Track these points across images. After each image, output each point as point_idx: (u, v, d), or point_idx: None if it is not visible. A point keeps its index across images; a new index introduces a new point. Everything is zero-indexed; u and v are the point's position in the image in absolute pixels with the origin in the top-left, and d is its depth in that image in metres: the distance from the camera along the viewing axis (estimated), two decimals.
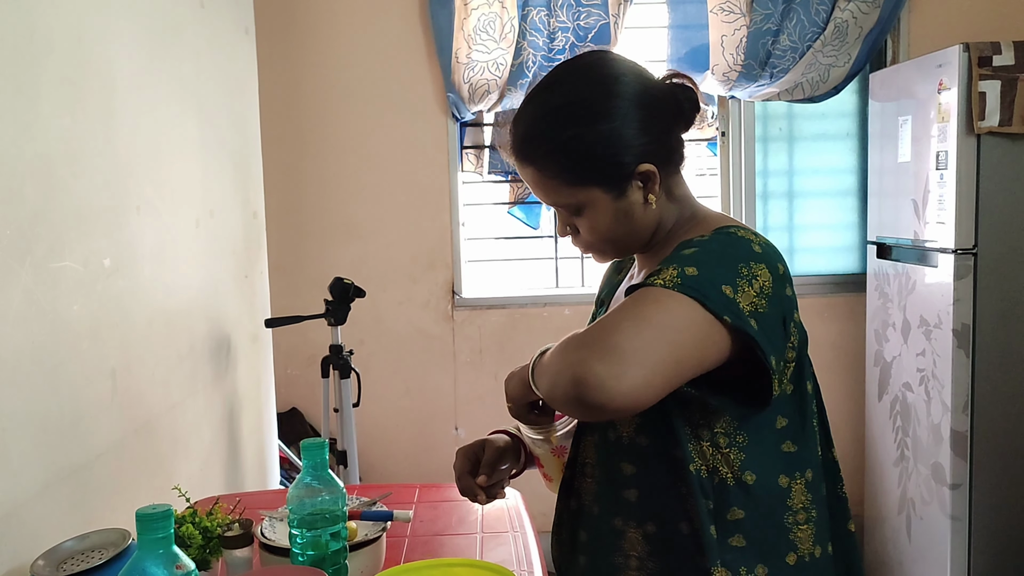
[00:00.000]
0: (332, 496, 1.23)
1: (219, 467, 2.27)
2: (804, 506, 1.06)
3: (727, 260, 0.99)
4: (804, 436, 1.08)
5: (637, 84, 1.09)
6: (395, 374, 3.37)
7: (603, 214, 1.10)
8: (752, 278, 0.98)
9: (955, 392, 2.67)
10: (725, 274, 0.97)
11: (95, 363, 1.54)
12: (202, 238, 2.16)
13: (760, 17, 3.15)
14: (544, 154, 1.09)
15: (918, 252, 2.86)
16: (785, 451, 1.06)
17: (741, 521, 1.03)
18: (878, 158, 3.12)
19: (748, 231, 1.06)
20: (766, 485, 1.04)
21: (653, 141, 1.08)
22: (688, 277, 0.95)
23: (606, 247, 1.15)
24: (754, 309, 0.96)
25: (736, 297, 0.95)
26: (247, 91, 2.65)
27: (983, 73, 2.57)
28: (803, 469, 1.07)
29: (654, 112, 1.09)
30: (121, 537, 1.27)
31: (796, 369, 1.06)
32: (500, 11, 3.14)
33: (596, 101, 1.07)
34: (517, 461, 1.32)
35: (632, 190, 1.09)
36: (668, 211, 1.14)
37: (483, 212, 3.52)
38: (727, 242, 1.03)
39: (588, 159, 1.07)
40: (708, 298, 0.94)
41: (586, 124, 1.06)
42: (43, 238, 1.37)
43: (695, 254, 0.99)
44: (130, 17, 1.75)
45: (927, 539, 2.84)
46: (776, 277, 1.01)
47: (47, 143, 1.39)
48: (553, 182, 1.10)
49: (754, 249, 1.01)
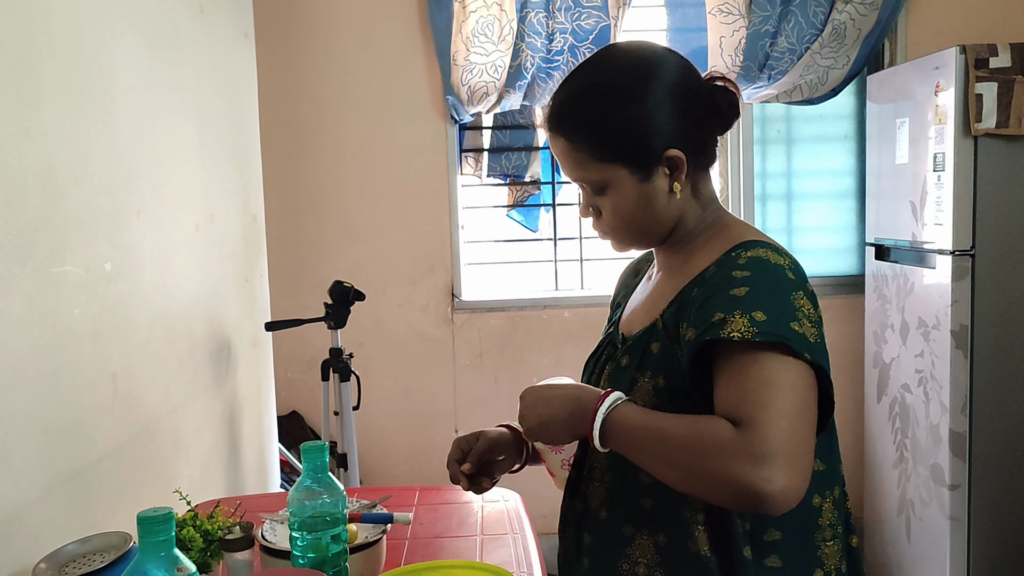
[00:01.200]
0: (332, 499, 1.24)
1: (220, 470, 2.27)
2: (831, 523, 1.07)
3: (782, 295, 0.99)
4: (831, 453, 1.08)
5: (677, 74, 1.10)
6: (395, 377, 3.38)
7: (626, 196, 1.10)
8: (801, 308, 0.98)
9: (954, 393, 2.68)
10: (787, 310, 0.97)
11: (96, 367, 1.54)
12: (202, 242, 2.16)
13: (758, 19, 3.16)
14: (574, 127, 1.10)
15: (916, 253, 2.86)
16: (817, 470, 1.04)
17: (777, 542, 1.04)
18: (876, 160, 3.13)
19: (775, 252, 1.04)
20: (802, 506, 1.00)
21: (685, 131, 1.09)
22: (761, 323, 0.95)
23: (625, 232, 1.14)
24: (816, 340, 0.97)
25: (803, 331, 0.96)
26: (246, 95, 2.66)
27: (980, 75, 2.58)
28: (832, 487, 1.08)
29: (691, 104, 1.10)
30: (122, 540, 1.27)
31: None
32: (499, 13, 3.14)
33: (633, 82, 1.09)
34: (518, 456, 1.32)
35: (658, 175, 1.09)
36: (691, 208, 1.14)
37: (482, 215, 3.53)
38: (769, 274, 1.01)
39: (617, 137, 1.08)
40: (790, 340, 0.94)
41: (619, 102, 1.08)
42: (44, 243, 1.37)
43: (750, 295, 0.98)
44: (130, 22, 1.76)
45: (926, 540, 2.84)
46: (813, 301, 1.02)
47: (48, 148, 1.40)
48: (581, 156, 1.10)
49: (789, 276, 1.01)
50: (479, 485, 1.26)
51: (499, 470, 1.31)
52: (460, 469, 1.23)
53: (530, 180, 3.42)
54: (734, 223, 1.14)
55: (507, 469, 1.33)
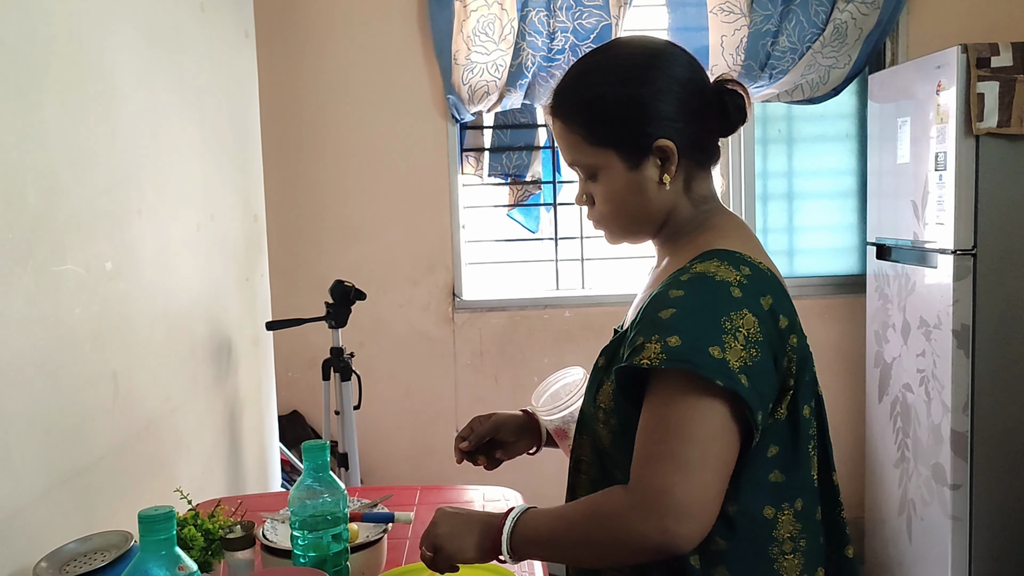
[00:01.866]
0: (333, 498, 1.24)
1: (220, 469, 2.27)
2: (792, 535, 1.05)
3: (708, 317, 0.98)
4: (796, 464, 1.06)
5: (683, 69, 1.10)
6: (396, 376, 3.38)
7: (616, 182, 1.10)
8: (736, 330, 0.97)
9: (955, 392, 2.67)
10: (709, 333, 0.97)
11: (97, 366, 1.54)
12: (203, 241, 2.16)
13: (760, 18, 3.15)
14: (569, 107, 1.12)
15: (917, 253, 2.86)
16: (773, 481, 1.04)
17: (724, 552, 1.03)
18: (877, 159, 3.13)
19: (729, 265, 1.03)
20: (749, 516, 1.03)
21: (681, 124, 1.08)
22: (672, 349, 0.96)
23: (615, 221, 1.15)
24: (743, 364, 0.96)
25: (726, 355, 0.95)
26: (247, 94, 2.66)
27: (981, 74, 2.57)
28: (792, 499, 1.05)
29: (692, 100, 1.09)
30: (123, 539, 1.27)
31: (793, 395, 1.04)
32: (499, 12, 3.14)
33: (633, 68, 1.09)
34: (534, 439, 1.37)
35: (648, 165, 1.09)
36: (682, 204, 1.13)
37: (483, 214, 3.52)
38: (705, 292, 1.00)
39: (608, 119, 1.09)
40: (698, 366, 0.94)
41: (616, 85, 1.09)
42: (45, 242, 1.37)
43: (674, 317, 0.98)
44: (131, 21, 1.76)
45: (928, 540, 2.84)
46: (762, 317, 1.00)
47: (49, 147, 1.40)
48: (574, 138, 1.11)
49: (733, 294, 0.99)
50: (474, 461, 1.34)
51: (510, 452, 1.36)
52: (459, 446, 1.31)
53: (531, 180, 3.42)
54: (719, 226, 1.13)
55: (523, 451, 1.37)
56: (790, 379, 1.03)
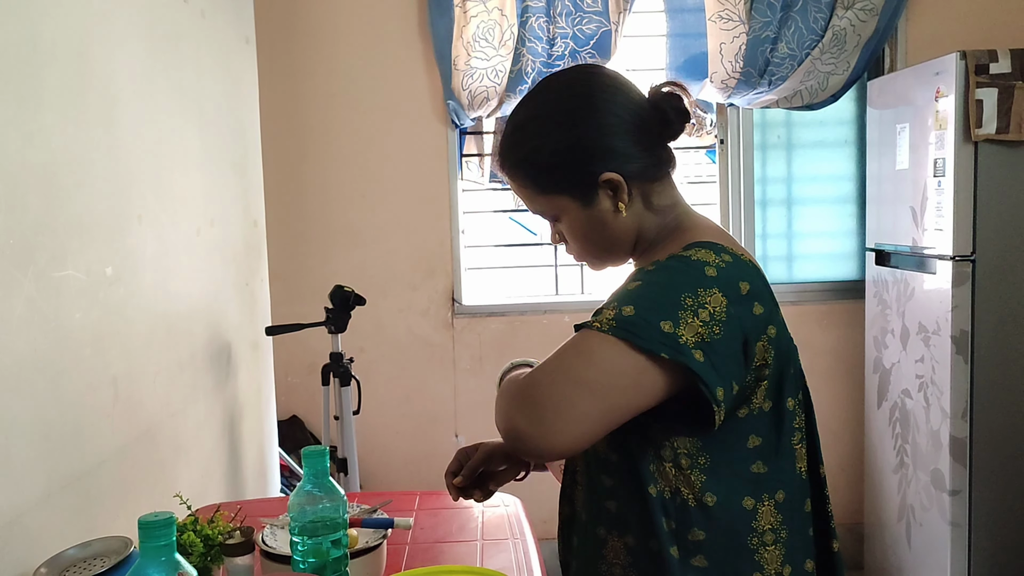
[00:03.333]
0: (333, 504, 1.24)
1: (220, 475, 2.27)
2: (772, 527, 1.05)
3: (670, 291, 0.98)
4: (778, 455, 1.06)
5: (611, 95, 1.10)
6: (395, 382, 3.38)
7: (576, 222, 1.13)
8: (699, 307, 0.97)
9: (954, 398, 2.68)
10: (665, 308, 0.96)
11: (97, 371, 1.54)
12: (203, 246, 2.17)
13: (759, 25, 3.16)
14: (513, 164, 1.14)
15: (916, 259, 2.87)
16: (754, 471, 1.04)
17: (702, 542, 1.03)
18: (876, 165, 3.13)
19: (710, 250, 1.03)
20: (728, 507, 1.03)
21: (622, 151, 1.09)
22: (624, 319, 0.96)
23: (589, 254, 1.18)
24: (700, 340, 0.95)
25: (678, 330, 0.95)
26: (247, 100, 2.66)
27: (980, 81, 2.58)
28: (773, 490, 1.06)
29: (627, 123, 1.09)
30: (123, 545, 1.27)
31: (774, 386, 1.04)
32: (499, 18, 3.15)
33: (561, 112, 1.10)
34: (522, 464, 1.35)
35: (601, 199, 1.10)
36: (647, 220, 1.14)
37: (483, 219, 3.53)
38: (676, 269, 1.01)
39: (550, 169, 1.10)
40: (640, 337, 0.94)
41: (547, 135, 1.10)
42: (45, 247, 1.37)
43: (637, 290, 1.00)
44: (131, 27, 1.76)
45: (927, 546, 2.84)
46: (734, 299, 0.99)
47: (49, 152, 1.40)
48: (526, 191, 1.15)
49: (707, 273, 1.00)
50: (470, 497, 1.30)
51: (500, 480, 1.33)
52: (451, 482, 1.28)
53: None
54: (694, 225, 1.13)
55: (511, 478, 1.35)
56: (766, 368, 1.02)
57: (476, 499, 1.31)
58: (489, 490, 1.33)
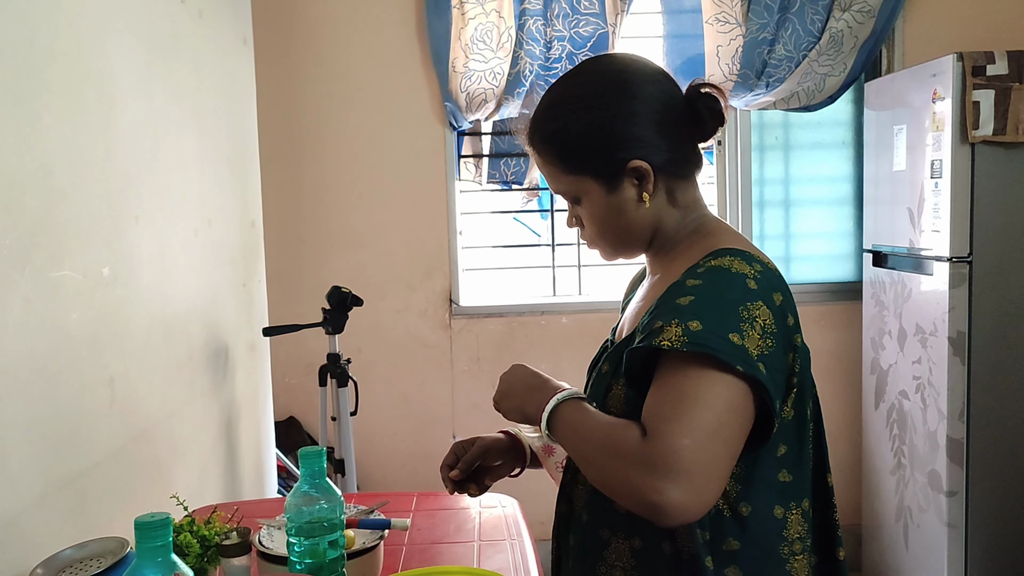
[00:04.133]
0: (330, 504, 1.24)
1: (217, 475, 2.27)
2: (800, 536, 1.06)
3: (727, 305, 0.98)
4: (800, 463, 1.07)
5: (650, 86, 1.11)
6: (393, 382, 3.38)
7: (598, 206, 1.12)
8: (753, 320, 0.97)
9: (951, 399, 2.68)
10: (728, 321, 0.96)
11: (94, 371, 1.54)
12: (200, 247, 2.17)
13: (756, 27, 3.16)
14: (542, 140, 1.14)
15: (914, 260, 2.87)
16: (781, 481, 1.05)
17: (737, 552, 1.03)
18: (873, 167, 3.14)
19: (743, 260, 1.03)
20: (761, 516, 1.03)
21: (653, 142, 1.09)
22: (693, 333, 0.94)
23: (604, 241, 1.16)
24: (761, 352, 0.95)
25: (744, 343, 0.95)
26: (245, 101, 2.66)
27: (977, 82, 2.58)
28: (799, 499, 1.06)
29: (661, 115, 1.10)
30: (119, 545, 1.27)
31: (798, 394, 1.05)
32: (497, 20, 3.15)
33: (597, 94, 1.10)
34: (518, 461, 1.35)
35: (625, 186, 1.10)
36: (669, 215, 1.14)
37: (480, 221, 3.53)
38: (723, 283, 1.01)
39: (579, 148, 1.10)
40: (719, 351, 0.93)
41: (581, 113, 1.10)
42: (42, 247, 1.37)
43: (693, 304, 0.98)
44: (129, 28, 1.76)
45: (924, 547, 2.84)
46: (775, 311, 1.00)
47: (47, 153, 1.40)
48: (551, 168, 1.14)
49: (749, 286, 1.00)
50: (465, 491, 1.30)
51: (495, 476, 1.34)
52: (448, 475, 1.29)
53: (529, 186, 3.43)
54: (716, 229, 1.13)
55: (505, 474, 1.36)
56: (794, 377, 1.03)
57: (471, 493, 1.31)
58: (484, 485, 1.34)
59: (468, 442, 1.33)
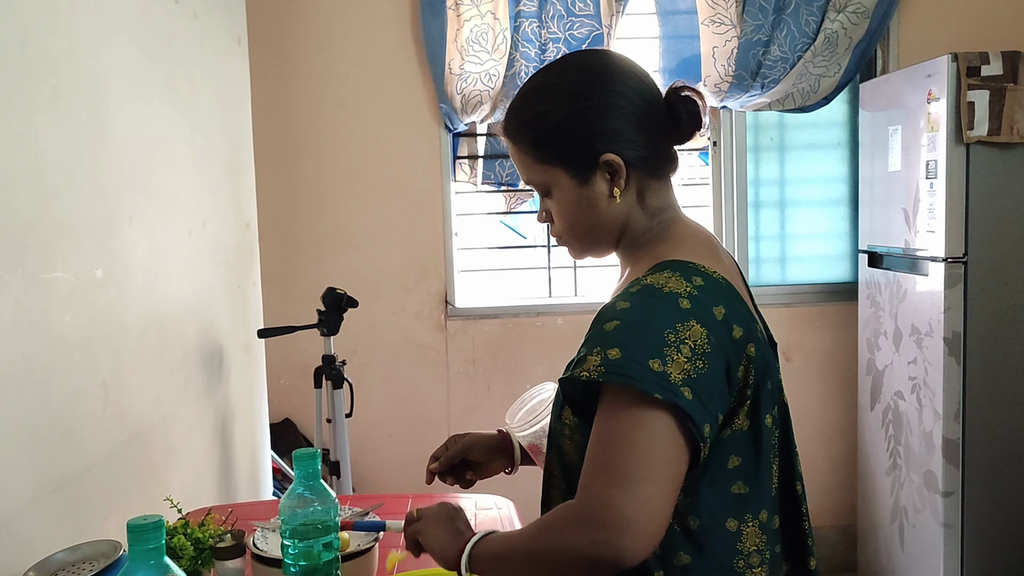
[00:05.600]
0: (324, 506, 1.23)
1: (211, 478, 2.26)
2: (758, 548, 1.03)
3: (651, 330, 0.96)
4: (758, 475, 1.04)
5: (630, 81, 1.10)
6: (388, 384, 3.37)
7: (567, 199, 1.11)
8: (680, 343, 0.95)
9: (947, 400, 2.68)
10: (650, 346, 0.95)
11: (87, 374, 1.53)
12: (194, 249, 2.16)
13: (751, 28, 3.17)
14: (516, 127, 1.13)
15: (909, 261, 2.87)
16: (735, 492, 1.02)
17: (688, 566, 1.01)
18: (869, 167, 3.14)
19: (680, 276, 1.01)
20: (712, 529, 1.01)
21: (628, 137, 1.08)
22: (611, 362, 0.94)
23: (572, 236, 1.15)
24: (687, 376, 0.94)
25: (667, 368, 0.93)
26: (240, 101, 2.65)
27: (972, 83, 2.59)
28: (756, 510, 1.04)
29: (639, 112, 1.09)
30: (112, 548, 1.26)
31: (752, 405, 1.02)
32: (492, 22, 3.15)
33: (575, 84, 1.09)
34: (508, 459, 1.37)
35: (597, 180, 1.09)
36: (636, 216, 1.12)
37: (476, 222, 3.53)
38: (650, 306, 0.99)
39: (553, 137, 1.09)
40: (636, 379, 0.93)
41: (557, 102, 1.09)
42: (35, 249, 1.37)
43: (616, 330, 0.97)
44: (123, 28, 1.76)
45: (920, 547, 2.84)
46: (712, 327, 0.98)
47: (39, 153, 1.39)
48: (524, 157, 1.13)
49: (681, 305, 0.98)
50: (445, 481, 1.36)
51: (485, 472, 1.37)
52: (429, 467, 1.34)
53: (524, 187, 3.42)
54: (673, 235, 1.11)
55: (497, 471, 1.38)
56: (748, 389, 1.01)
57: (448, 483, 1.36)
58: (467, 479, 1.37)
59: (460, 436, 1.36)
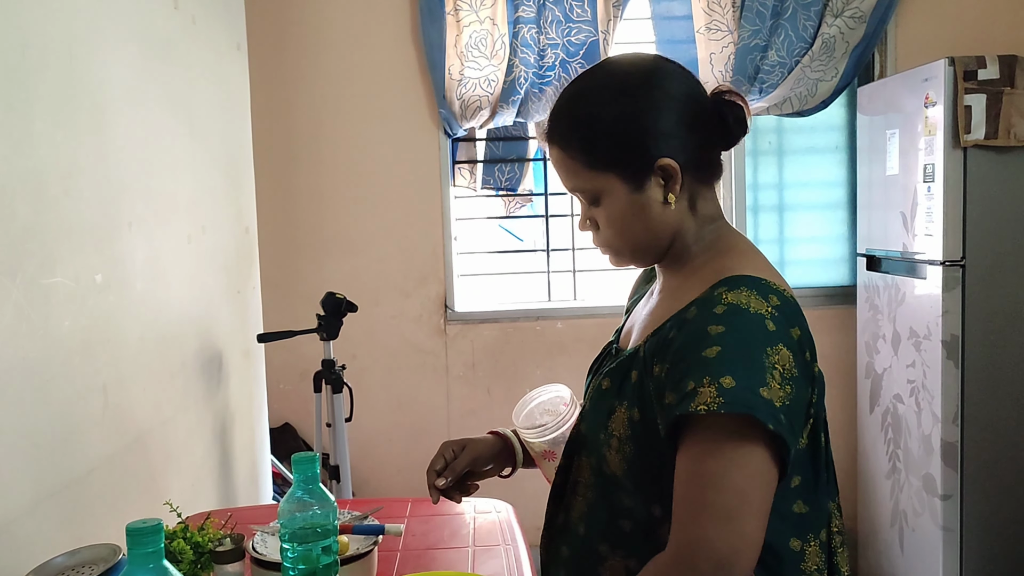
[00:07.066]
0: (323, 510, 1.23)
1: (211, 482, 2.26)
2: (818, 567, 1.02)
3: (753, 354, 0.93)
4: (816, 493, 1.03)
5: (679, 83, 1.07)
6: (388, 388, 3.37)
7: (619, 205, 1.06)
8: (773, 367, 0.93)
9: (945, 403, 2.68)
10: (758, 374, 0.92)
11: (86, 379, 1.53)
12: (194, 253, 2.16)
13: (748, 33, 3.17)
14: (566, 131, 1.08)
15: (907, 264, 2.88)
16: (796, 512, 1.01)
17: None
18: (867, 171, 3.15)
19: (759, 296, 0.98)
20: (776, 550, 0.99)
21: (682, 142, 1.05)
22: (728, 391, 0.90)
23: (621, 245, 1.10)
24: (782, 403, 0.92)
25: (771, 396, 0.91)
26: (239, 106, 2.66)
27: (968, 87, 2.60)
28: (817, 530, 1.03)
29: (690, 114, 1.06)
30: (112, 552, 1.26)
31: (813, 424, 1.02)
32: (491, 28, 3.15)
33: (628, 85, 1.06)
34: (508, 462, 1.34)
35: (651, 186, 1.05)
36: (688, 224, 1.09)
37: (475, 226, 3.53)
38: (745, 328, 0.95)
39: (608, 140, 1.04)
40: (756, 409, 0.90)
41: (610, 104, 1.05)
42: (34, 254, 1.37)
43: (721, 356, 0.93)
44: (122, 33, 1.76)
45: (919, 550, 2.84)
46: (795, 350, 0.96)
47: (39, 159, 1.40)
48: (573, 163, 1.07)
49: (768, 328, 0.95)
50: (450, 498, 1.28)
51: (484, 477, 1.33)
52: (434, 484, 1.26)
53: (523, 192, 3.43)
54: (732, 247, 1.09)
55: (495, 475, 1.35)
56: (811, 408, 1.00)
57: (456, 500, 1.30)
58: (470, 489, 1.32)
59: (457, 445, 1.30)
